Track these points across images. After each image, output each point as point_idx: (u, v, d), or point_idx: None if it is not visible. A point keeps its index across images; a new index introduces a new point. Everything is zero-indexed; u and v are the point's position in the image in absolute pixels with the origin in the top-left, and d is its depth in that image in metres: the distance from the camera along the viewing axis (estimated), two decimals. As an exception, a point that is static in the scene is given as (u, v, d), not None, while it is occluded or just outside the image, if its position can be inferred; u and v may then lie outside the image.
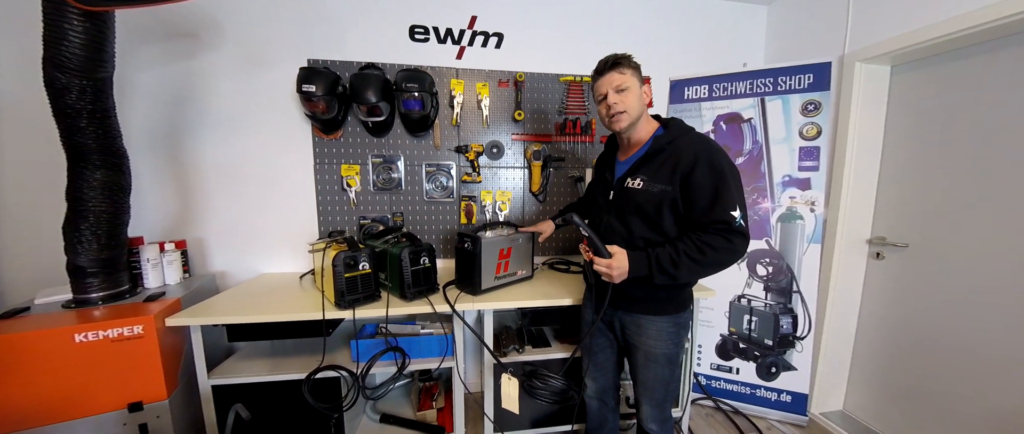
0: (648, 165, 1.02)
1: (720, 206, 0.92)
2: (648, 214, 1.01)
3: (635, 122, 1.05)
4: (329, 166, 1.82)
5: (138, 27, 1.55)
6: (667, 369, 1.12)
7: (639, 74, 1.05)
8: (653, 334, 1.09)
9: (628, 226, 1.05)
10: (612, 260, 0.97)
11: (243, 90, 1.72)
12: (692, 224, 0.97)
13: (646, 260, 0.96)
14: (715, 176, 0.93)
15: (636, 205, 1.02)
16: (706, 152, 0.95)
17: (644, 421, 1.21)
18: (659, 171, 0.99)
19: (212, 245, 1.79)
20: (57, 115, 1.19)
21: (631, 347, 1.16)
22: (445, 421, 1.62)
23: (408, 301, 1.38)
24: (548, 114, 1.92)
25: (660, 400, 1.16)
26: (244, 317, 1.26)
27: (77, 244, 1.24)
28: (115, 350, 1.16)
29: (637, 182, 1.03)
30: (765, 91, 1.82)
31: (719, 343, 1.94)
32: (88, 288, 1.28)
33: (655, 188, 0.99)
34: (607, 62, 1.04)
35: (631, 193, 1.04)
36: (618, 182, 1.08)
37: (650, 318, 1.09)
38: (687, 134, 1.02)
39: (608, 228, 1.09)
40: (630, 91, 1.02)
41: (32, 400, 1.11)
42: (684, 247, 0.94)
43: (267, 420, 1.35)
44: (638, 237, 1.04)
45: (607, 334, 1.24)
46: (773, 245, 1.82)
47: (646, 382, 1.14)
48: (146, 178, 1.63)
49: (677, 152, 0.98)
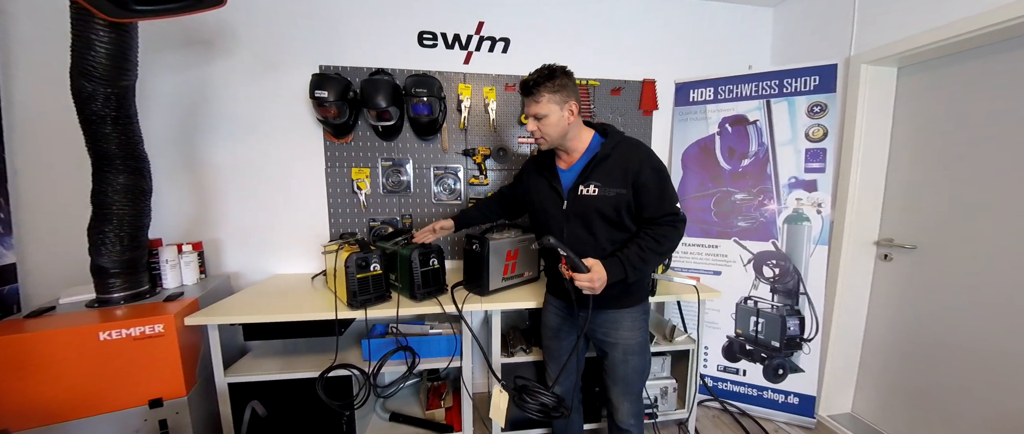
0: (597, 171, 1.07)
1: (667, 201, 1.06)
2: (610, 217, 1.07)
3: (557, 142, 1.11)
4: (340, 169, 1.86)
5: (158, 36, 1.61)
6: (643, 358, 1.20)
7: (560, 95, 1.04)
8: (628, 325, 1.16)
9: (593, 232, 1.09)
10: (592, 273, 1.01)
11: (257, 96, 1.77)
12: (644, 220, 1.08)
13: (619, 264, 1.04)
14: (658, 176, 1.05)
15: (597, 210, 1.07)
16: (648, 156, 1.07)
17: (622, 420, 1.22)
18: (610, 176, 1.06)
19: (227, 246, 1.83)
20: (83, 122, 1.24)
21: (607, 346, 1.19)
22: (453, 420, 1.64)
23: (418, 301, 1.41)
24: (554, 117, 1.95)
25: (638, 392, 1.23)
26: (259, 317, 1.30)
27: (101, 245, 1.29)
28: (137, 348, 1.20)
29: (591, 189, 1.07)
30: (771, 93, 1.83)
31: (725, 345, 1.94)
32: (111, 288, 1.32)
33: (611, 192, 1.05)
34: (526, 86, 1.06)
35: (588, 200, 1.08)
36: (570, 191, 1.12)
37: (624, 312, 1.15)
38: (626, 141, 1.10)
39: (573, 236, 1.11)
40: (548, 118, 1.05)
41: (58, 396, 1.15)
42: (645, 243, 1.05)
43: (282, 417, 1.39)
44: (604, 240, 1.10)
45: (571, 329, 1.27)
46: (780, 247, 1.82)
47: (626, 376, 1.19)
48: (164, 182, 1.68)
49: (622, 157, 1.06)
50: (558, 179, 1.16)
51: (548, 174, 1.18)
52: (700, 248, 1.98)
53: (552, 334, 1.30)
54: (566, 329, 1.27)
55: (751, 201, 1.87)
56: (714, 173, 1.94)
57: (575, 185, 1.10)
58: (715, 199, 1.93)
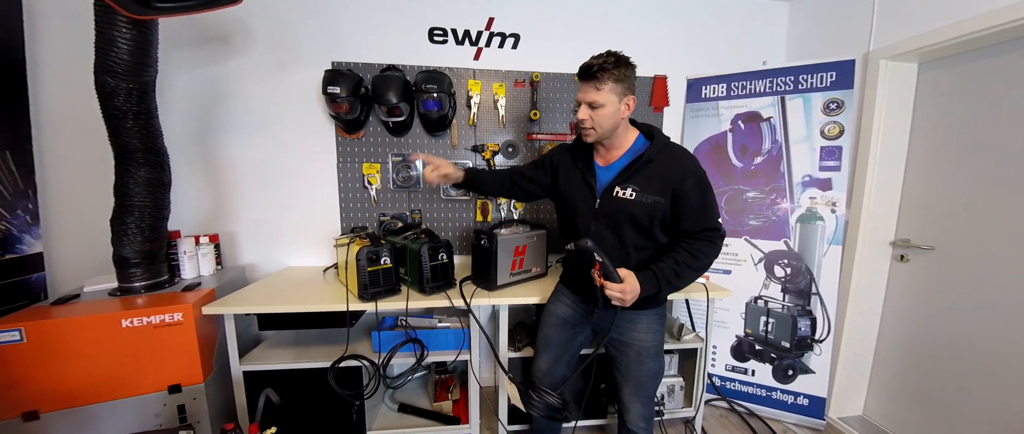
0: (638, 175, 1.03)
1: (709, 215, 1.01)
2: (642, 224, 1.03)
3: (607, 135, 1.05)
4: (351, 164, 1.89)
5: (176, 33, 1.65)
6: (657, 362, 1.17)
7: (622, 85, 0.98)
8: (644, 328, 1.13)
9: (620, 235, 1.06)
10: (625, 285, 0.97)
11: (271, 92, 1.80)
12: (681, 232, 1.03)
13: (654, 279, 1.00)
14: (702, 188, 1.01)
15: (630, 216, 1.03)
16: (692, 166, 1.02)
17: (632, 422, 1.18)
18: (650, 182, 1.01)
19: (242, 239, 1.88)
20: (106, 117, 1.28)
21: (620, 346, 1.16)
22: (460, 413, 1.67)
23: (427, 295, 1.43)
24: (564, 113, 1.94)
25: (650, 396, 1.19)
26: (274, 307, 1.34)
27: (123, 236, 1.33)
28: (157, 335, 1.25)
29: (628, 192, 1.02)
30: (785, 89, 1.79)
31: (734, 344, 1.93)
32: (132, 278, 1.37)
33: (648, 199, 1.01)
34: (588, 70, 0.98)
35: (622, 203, 1.03)
36: (604, 190, 1.07)
37: (641, 313, 1.12)
38: (671, 147, 1.06)
39: (598, 237, 1.06)
40: (604, 109, 0.98)
41: (83, 380, 1.20)
42: (681, 257, 1.01)
43: (295, 405, 1.43)
44: (630, 245, 1.06)
45: (580, 330, 1.25)
46: (792, 246, 1.79)
47: (639, 379, 1.15)
48: (182, 175, 1.72)
49: (666, 165, 1.01)
50: (594, 175, 1.11)
51: (584, 167, 1.12)
52: (710, 246, 1.96)
53: (557, 324, 1.25)
54: (574, 322, 1.24)
55: (763, 199, 1.84)
56: (726, 171, 1.91)
57: (611, 185, 1.05)
58: (726, 197, 1.91)
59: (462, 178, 1.29)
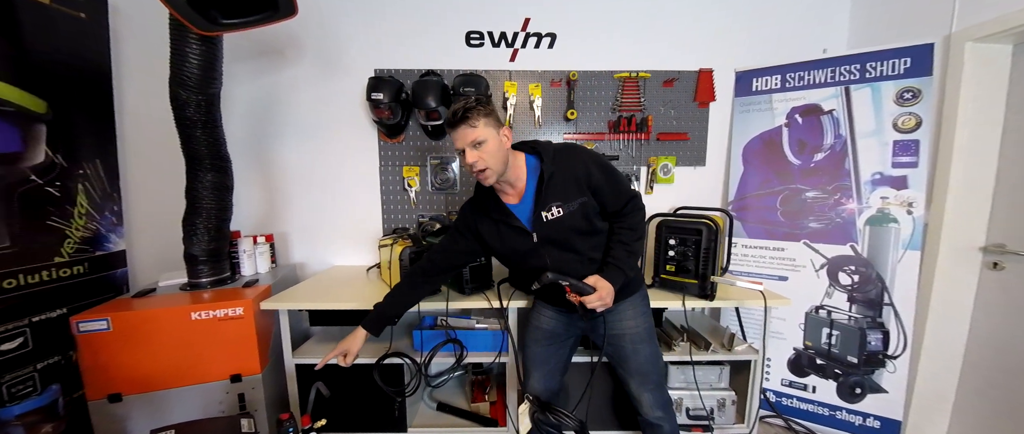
0: (552, 191, 1.03)
1: (622, 187, 1.09)
2: (583, 229, 1.06)
3: (501, 170, 1.02)
4: (392, 168, 1.95)
5: (237, 47, 1.78)
6: (652, 345, 1.18)
7: (492, 118, 0.99)
8: (632, 314, 1.15)
9: (573, 249, 1.07)
10: (600, 291, 1.00)
11: (319, 100, 1.90)
12: (610, 215, 1.10)
13: (617, 270, 1.05)
14: (605, 170, 1.06)
15: (571, 228, 1.05)
16: (586, 156, 1.07)
17: (648, 413, 1.18)
18: (566, 191, 1.03)
19: (293, 239, 2.00)
20: (179, 126, 1.41)
21: (614, 341, 1.16)
22: (497, 415, 1.66)
23: (466, 296, 1.44)
24: (601, 112, 1.90)
25: (657, 380, 1.19)
26: (324, 304, 1.40)
27: (192, 235, 1.45)
28: (221, 328, 1.34)
29: (555, 210, 1.04)
30: (850, 79, 1.64)
31: (792, 357, 1.78)
32: (200, 274, 1.49)
33: (574, 205, 1.03)
34: (456, 115, 0.97)
35: (556, 223, 1.04)
36: (533, 222, 1.06)
37: (624, 302, 1.14)
38: (560, 152, 1.07)
39: (555, 261, 1.06)
40: (487, 144, 0.97)
41: (159, 366, 1.32)
42: (624, 237, 1.08)
43: (341, 399, 1.48)
44: (586, 251, 1.08)
45: (567, 338, 1.24)
46: (859, 251, 1.63)
47: (641, 366, 1.16)
48: (241, 179, 1.83)
49: (567, 168, 1.04)
50: (514, 216, 1.08)
51: (501, 216, 1.09)
52: (763, 251, 1.83)
53: (544, 338, 1.22)
54: (560, 333, 1.23)
55: (825, 200, 1.69)
56: (781, 168, 1.78)
57: (535, 213, 1.05)
58: (782, 197, 1.78)
59: (375, 330, 1.23)
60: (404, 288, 1.27)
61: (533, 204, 1.05)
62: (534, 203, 1.05)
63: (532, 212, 1.06)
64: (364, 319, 1.22)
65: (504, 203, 1.10)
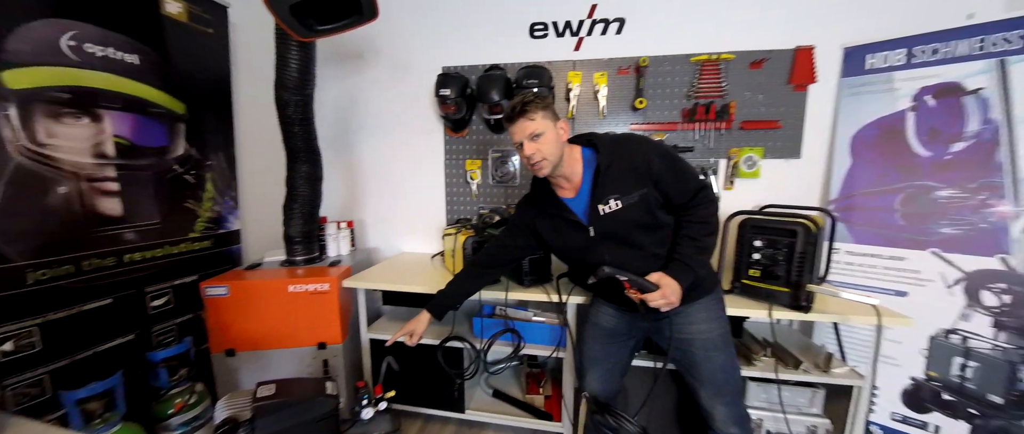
0: (609, 183, 0.99)
1: (689, 179, 1.01)
2: (645, 223, 1.00)
3: (557, 162, 1.01)
4: (456, 161, 2.03)
5: (327, 52, 1.99)
6: (727, 353, 1.07)
7: (550, 111, 1.00)
8: (704, 317, 1.06)
9: (635, 245, 1.02)
10: (664, 288, 0.93)
11: (392, 99, 2.05)
12: (676, 208, 1.02)
13: (685, 267, 0.97)
14: (669, 160, 1.00)
15: (630, 222, 1.00)
16: (646, 146, 1.00)
17: (721, 426, 1.07)
18: (624, 182, 0.98)
19: (368, 226, 2.19)
20: (281, 124, 1.61)
21: (683, 346, 1.07)
22: (552, 409, 1.65)
23: (525, 288, 1.44)
24: (674, 100, 1.75)
25: (733, 393, 1.09)
26: (396, 286, 1.53)
27: (290, 219, 1.67)
28: (311, 301, 1.53)
29: (612, 204, 0.99)
30: (1007, 49, 1.30)
31: (909, 388, 1.49)
32: (295, 253, 1.71)
33: (634, 198, 0.98)
34: (514, 109, 0.99)
35: (615, 216, 1.00)
36: (590, 216, 1.03)
37: (695, 304, 1.05)
38: (617, 142, 1.03)
39: (615, 257, 1.01)
40: (545, 135, 0.98)
41: (263, 329, 1.54)
42: (694, 231, 0.99)
43: (407, 375, 1.59)
44: (650, 246, 1.02)
45: (628, 339, 1.18)
46: (1012, 266, 1.30)
47: (714, 375, 1.06)
48: (327, 171, 2.06)
49: (625, 158, 0.99)
50: (569, 211, 1.06)
51: (557, 211, 1.09)
52: (874, 259, 1.55)
53: (603, 336, 1.19)
54: (622, 332, 1.17)
55: (965, 200, 1.37)
56: (903, 162, 1.48)
57: (592, 207, 1.01)
58: (903, 197, 1.48)
59: (438, 315, 1.29)
60: (465, 277, 1.32)
61: (589, 197, 1.02)
62: (590, 196, 1.02)
63: (588, 206, 1.02)
64: (429, 303, 1.29)
65: (560, 197, 1.08)
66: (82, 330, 1.24)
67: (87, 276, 1.25)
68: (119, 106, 1.31)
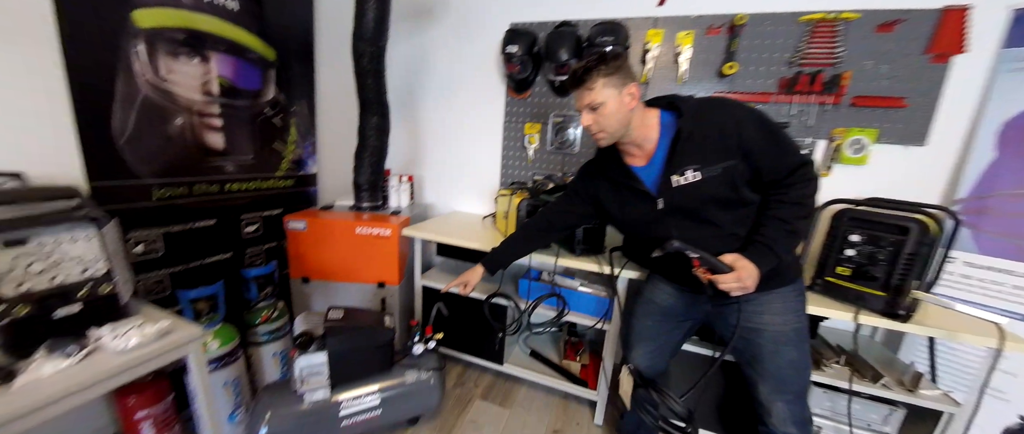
0: (688, 152, 0.90)
1: (789, 154, 0.88)
2: (726, 198, 0.90)
3: (620, 133, 0.94)
4: (515, 124, 1.99)
5: (399, 8, 1.99)
6: (800, 350, 0.98)
7: (617, 77, 0.90)
8: (779, 309, 0.96)
9: (712, 222, 0.93)
10: (740, 271, 0.85)
11: (457, 57, 2.03)
12: (767, 185, 0.90)
13: (767, 251, 0.88)
14: (765, 128, 0.87)
15: (709, 197, 0.90)
16: (740, 112, 0.88)
17: (778, 424, 0.99)
18: (706, 152, 0.88)
19: (426, 181, 2.28)
20: (356, 74, 1.69)
21: (750, 335, 0.98)
22: (587, 377, 1.67)
23: (575, 256, 1.42)
24: (772, 66, 1.52)
25: (798, 392, 1.00)
26: (451, 239, 1.59)
27: (360, 167, 1.79)
28: (374, 244, 1.65)
29: (690, 175, 0.90)
30: None
31: (1014, 428, 1.27)
32: (362, 199, 1.84)
33: (716, 170, 0.88)
34: (574, 76, 0.92)
35: (690, 190, 0.91)
36: (660, 187, 0.94)
37: (773, 293, 0.96)
38: (705, 106, 0.91)
39: (688, 235, 0.92)
40: (606, 106, 0.90)
41: (333, 263, 1.71)
42: (784, 212, 0.88)
43: (454, 322, 1.69)
44: (727, 226, 0.93)
45: (684, 321, 1.12)
46: None
47: (780, 371, 0.97)
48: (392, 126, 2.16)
49: (711, 125, 0.88)
50: (638, 180, 0.99)
51: (623, 179, 1.02)
52: (1004, 275, 1.29)
53: (657, 313, 1.14)
54: (678, 313, 1.12)
55: None
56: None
57: (665, 178, 0.93)
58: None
59: (491, 270, 1.31)
60: (519, 238, 1.33)
61: (663, 167, 0.94)
62: (664, 166, 0.94)
63: (660, 176, 0.95)
64: (483, 258, 1.33)
65: (628, 165, 1.01)
66: (193, 244, 1.47)
67: (197, 199, 1.46)
68: (223, 49, 1.45)
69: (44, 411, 0.71)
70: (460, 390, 1.76)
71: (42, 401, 0.70)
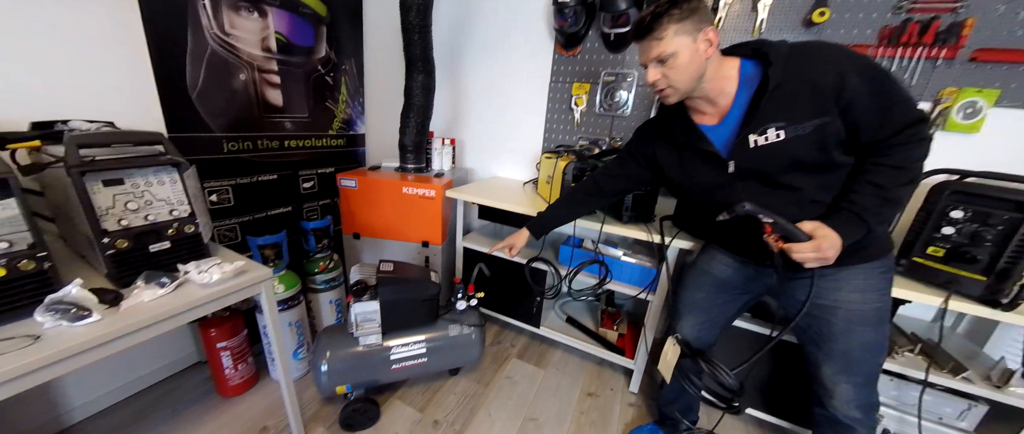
0: (772, 107, 0.78)
1: (899, 110, 0.74)
2: (813, 162, 0.79)
3: (693, 88, 0.84)
4: (562, 84, 1.89)
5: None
6: (878, 331, 0.88)
7: (690, 22, 0.78)
8: (860, 286, 0.86)
9: (789, 186, 0.82)
10: (820, 241, 0.76)
11: (503, 13, 1.92)
12: (868, 146, 0.77)
13: (857, 222, 0.77)
14: (872, 79, 0.73)
15: (791, 159, 0.79)
16: (846, 59, 0.74)
17: (840, 408, 0.92)
18: (796, 108, 0.76)
19: (467, 146, 2.26)
20: (403, 31, 1.66)
21: (821, 312, 0.90)
22: (624, 346, 1.66)
23: (622, 223, 1.37)
24: (873, 13, 1.29)
25: (868, 375, 0.91)
26: (494, 202, 1.59)
27: (406, 128, 1.80)
28: (419, 204, 1.69)
29: (773, 133, 0.79)
30: None
31: None
32: (408, 160, 1.88)
33: (806, 128, 0.76)
34: (641, 25, 0.81)
35: (769, 152, 0.80)
36: (735, 148, 0.84)
37: (855, 269, 0.85)
38: (798, 49, 0.78)
39: (761, 202, 0.81)
40: (677, 57, 0.80)
41: (381, 221, 1.78)
42: (883, 178, 0.75)
43: (494, 284, 1.73)
44: (809, 191, 0.82)
45: (741, 295, 1.05)
46: None
47: (850, 352, 0.89)
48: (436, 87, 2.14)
49: (807, 74, 0.75)
50: (706, 140, 0.89)
51: (687, 139, 0.92)
52: None
53: (711, 285, 1.07)
54: (735, 286, 1.04)
55: None
56: None
57: (739, 138, 0.83)
58: None
59: (536, 234, 1.30)
60: (566, 202, 1.29)
61: (738, 125, 0.84)
62: (740, 124, 0.83)
63: (734, 136, 0.84)
64: (528, 222, 1.32)
65: (696, 124, 0.91)
66: (258, 196, 1.58)
67: (261, 154, 1.55)
68: (278, 3, 1.47)
69: (146, 330, 0.81)
70: (497, 348, 1.83)
71: (145, 321, 0.80)
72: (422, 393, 1.51)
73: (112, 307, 0.81)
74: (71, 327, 0.73)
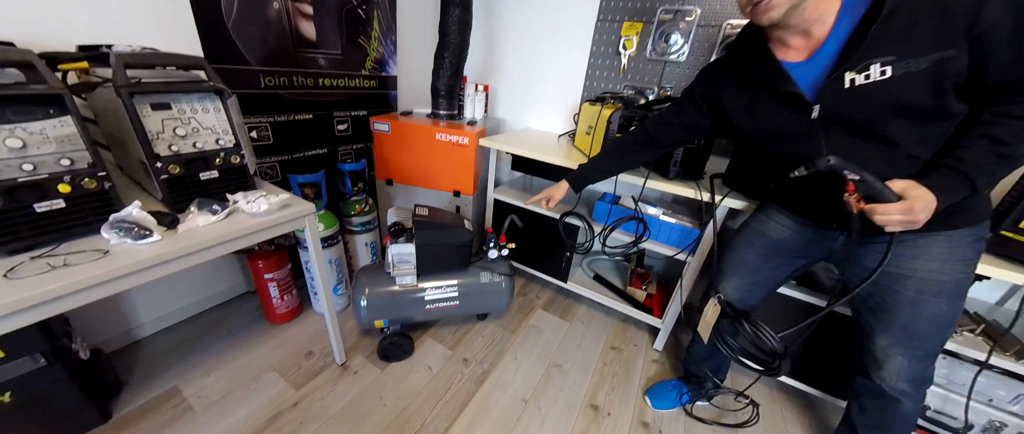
0: (881, 37, 0.64)
1: None
2: (920, 107, 0.65)
3: (799, 4, 0.68)
4: (610, 26, 1.72)
5: None
6: (952, 304, 0.80)
7: None
8: (942, 254, 0.77)
9: (883, 137, 0.70)
10: (912, 202, 0.66)
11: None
12: (991, 90, 0.64)
13: (962, 181, 0.66)
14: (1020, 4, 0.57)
15: (893, 103, 0.66)
16: None
17: (890, 377, 0.87)
18: (914, 38, 0.62)
19: (500, 94, 2.15)
20: (439, -42, 1.51)
21: (889, 280, 0.82)
22: (652, 305, 1.65)
23: (668, 180, 1.29)
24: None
25: (929, 349, 0.85)
26: (530, 153, 1.52)
27: (439, 70, 1.71)
28: (452, 151, 1.65)
29: (878, 70, 0.65)
30: None
31: None
32: (440, 106, 1.81)
33: (921, 64, 0.62)
34: None
35: (866, 93, 0.67)
36: (824, 88, 0.71)
37: (939, 235, 0.76)
38: None
39: (843, 155, 0.70)
40: None
41: (413, 168, 1.76)
42: (1004, 131, 0.63)
43: (524, 237, 1.72)
44: (905, 144, 0.69)
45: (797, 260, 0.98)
46: None
47: (914, 324, 0.82)
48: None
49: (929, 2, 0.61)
50: (789, 79, 0.75)
51: (763, 79, 0.80)
52: None
53: (764, 247, 1.00)
54: (791, 250, 0.97)
55: None
56: None
57: (832, 76, 0.70)
58: None
59: (577, 187, 1.26)
60: (609, 154, 1.22)
61: (833, 60, 0.71)
62: (836, 59, 0.70)
63: (825, 73, 0.72)
64: (570, 174, 1.27)
65: (778, 60, 0.77)
66: (295, 135, 1.58)
67: (296, 90, 1.52)
68: (310, -76, 1.36)
69: (203, 253, 0.85)
70: (523, 299, 1.86)
71: (201, 245, 0.83)
72: (453, 334, 1.57)
73: (170, 229, 0.84)
74: (135, 245, 0.77)
